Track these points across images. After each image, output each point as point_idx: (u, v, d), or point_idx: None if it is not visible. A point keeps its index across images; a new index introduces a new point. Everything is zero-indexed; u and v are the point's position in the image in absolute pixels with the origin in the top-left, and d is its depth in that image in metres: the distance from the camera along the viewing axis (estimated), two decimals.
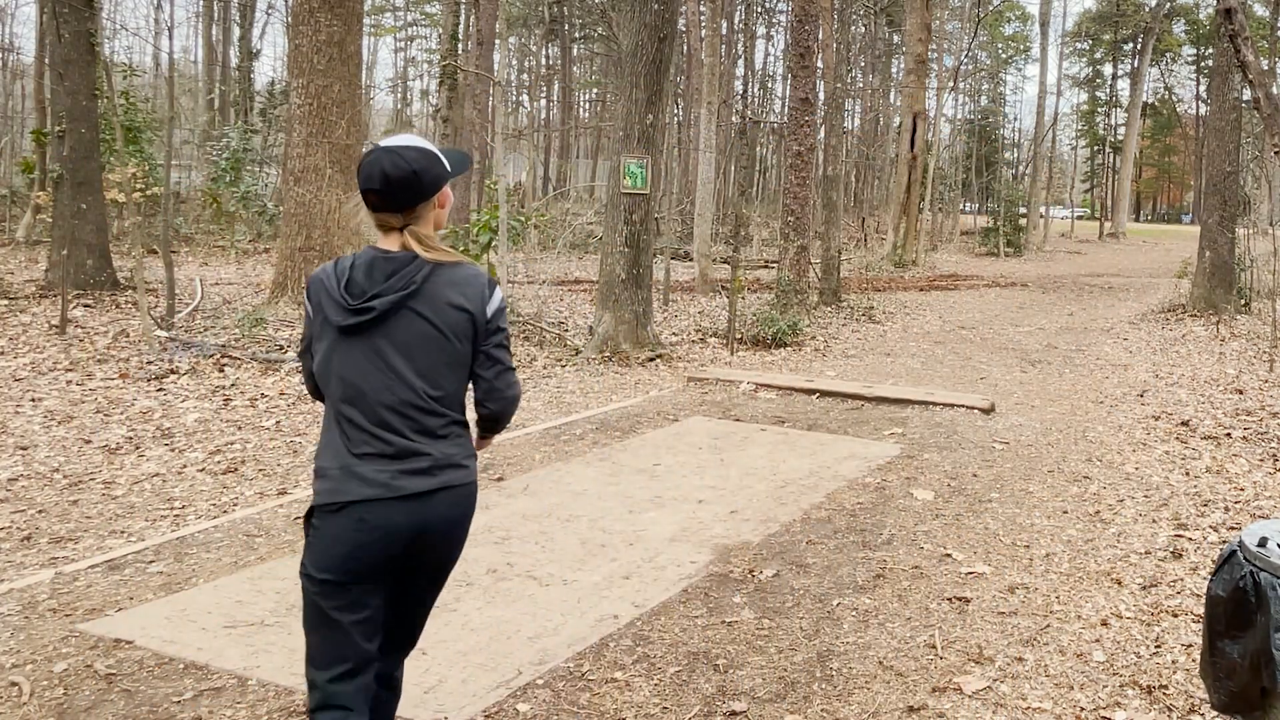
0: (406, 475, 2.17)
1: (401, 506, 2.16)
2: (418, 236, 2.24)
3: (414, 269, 2.20)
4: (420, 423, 2.21)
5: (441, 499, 2.21)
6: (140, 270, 9.27)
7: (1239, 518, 5.06)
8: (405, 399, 2.19)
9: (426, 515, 2.19)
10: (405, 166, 2.18)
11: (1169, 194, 78.90)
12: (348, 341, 2.19)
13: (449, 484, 2.23)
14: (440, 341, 2.22)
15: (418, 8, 51.04)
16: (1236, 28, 7.70)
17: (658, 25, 9.66)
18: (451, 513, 2.24)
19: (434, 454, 2.21)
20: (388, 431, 2.18)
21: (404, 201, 2.21)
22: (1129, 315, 15.46)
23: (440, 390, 2.23)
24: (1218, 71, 15.43)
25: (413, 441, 2.19)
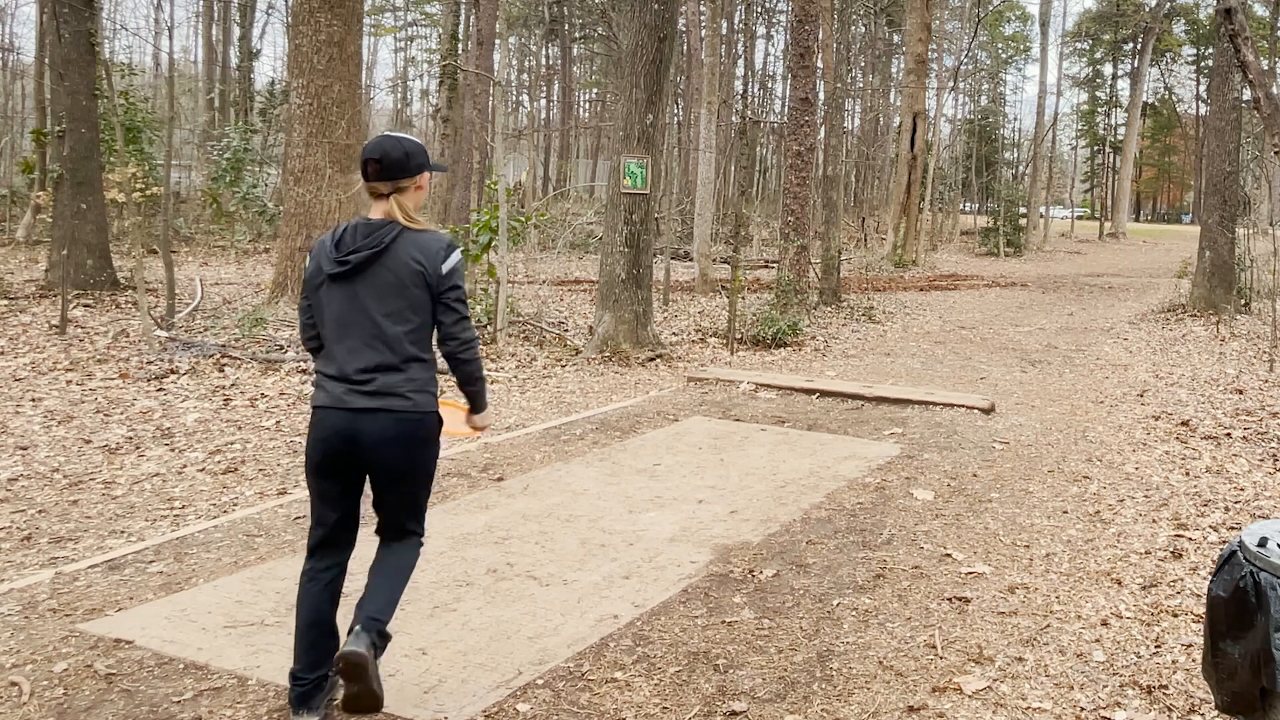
0: (353, 394, 2.78)
1: (343, 415, 2.77)
2: (400, 204, 2.86)
3: (385, 231, 2.81)
4: (380, 354, 2.79)
5: (377, 417, 2.77)
6: (140, 270, 9.27)
7: (1239, 518, 5.06)
8: (372, 333, 2.79)
9: (361, 427, 2.77)
10: (400, 148, 2.87)
11: (1169, 194, 78.89)
12: (335, 287, 2.82)
13: (386, 407, 2.78)
14: (400, 289, 2.80)
15: (418, 8, 51.06)
16: (1236, 28, 7.70)
17: (658, 25, 9.66)
18: (386, 431, 2.78)
19: (380, 380, 2.78)
20: (352, 357, 2.79)
21: (393, 174, 2.84)
22: (1129, 315, 15.46)
23: (399, 328, 2.80)
24: (1218, 71, 15.43)
25: (368, 369, 2.78)
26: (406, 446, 2.82)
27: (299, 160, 9.82)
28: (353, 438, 2.77)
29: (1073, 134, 62.05)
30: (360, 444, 2.77)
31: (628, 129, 9.73)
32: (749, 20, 40.17)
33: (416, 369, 2.83)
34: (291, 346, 8.65)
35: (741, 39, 39.22)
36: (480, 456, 6.00)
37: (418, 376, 2.84)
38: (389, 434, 2.78)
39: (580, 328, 11.13)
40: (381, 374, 2.78)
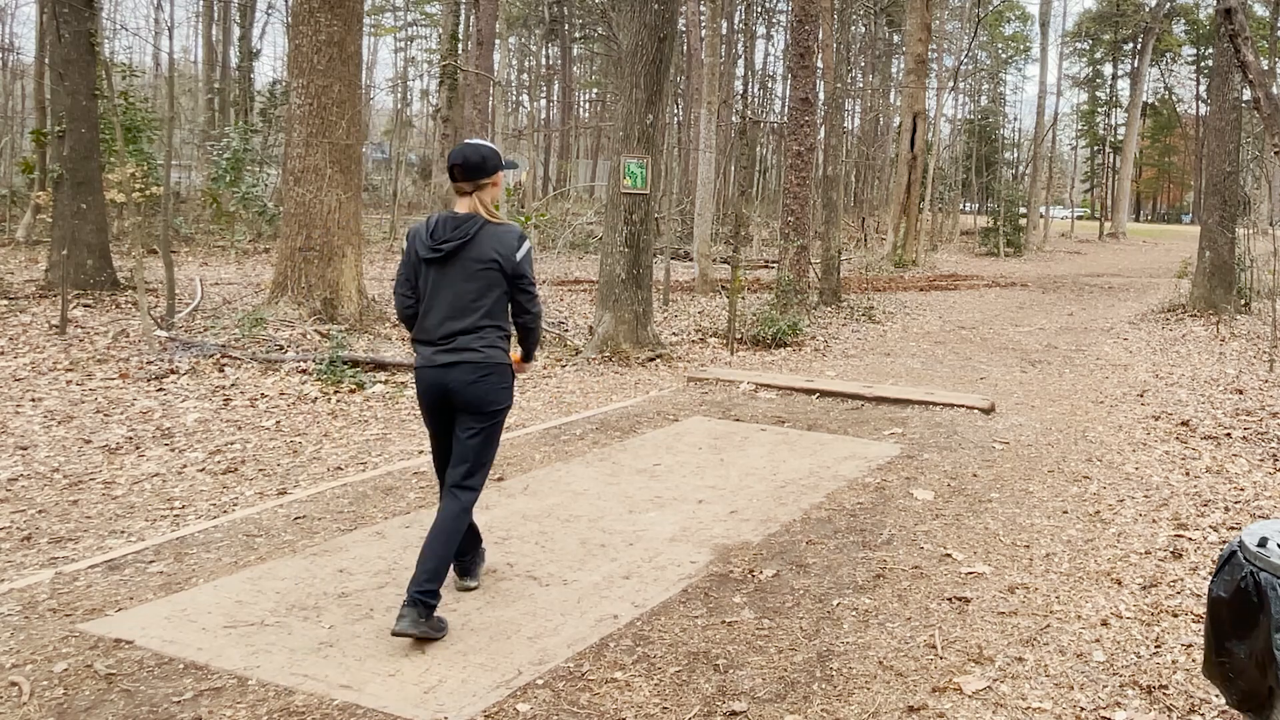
0: (440, 353, 3.54)
1: (433, 372, 3.55)
2: (480, 201, 3.59)
3: (471, 224, 3.54)
4: (461, 324, 3.53)
5: (457, 369, 3.52)
6: (140, 270, 9.27)
7: (1239, 518, 5.07)
8: (456, 307, 3.53)
9: (445, 379, 3.53)
10: (478, 153, 3.57)
11: (1169, 194, 78.89)
12: (430, 268, 3.56)
13: (462, 360, 3.52)
14: (481, 273, 3.53)
15: (418, 8, 51.05)
16: (1236, 28, 7.70)
17: (658, 25, 9.66)
18: (464, 377, 3.52)
19: (459, 344, 3.53)
20: (439, 326, 3.55)
21: (473, 176, 3.54)
22: (1129, 315, 15.46)
23: (479, 305, 3.54)
24: (1218, 71, 15.43)
25: (451, 335, 3.53)
26: (480, 389, 3.54)
27: (299, 160, 9.82)
28: (443, 388, 3.53)
29: (1073, 134, 62.05)
30: (448, 392, 3.53)
31: (628, 129, 9.73)
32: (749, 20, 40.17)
33: (488, 333, 3.55)
34: (291, 347, 8.66)
35: (741, 39, 39.22)
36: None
37: (487, 337, 3.55)
38: (466, 379, 3.52)
39: (580, 328, 11.13)
40: (460, 337, 3.51)
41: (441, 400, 3.56)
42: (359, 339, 9.28)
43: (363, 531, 4.57)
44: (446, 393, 3.53)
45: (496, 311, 3.58)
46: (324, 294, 9.78)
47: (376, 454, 6.06)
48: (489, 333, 3.56)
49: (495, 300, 3.56)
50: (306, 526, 4.64)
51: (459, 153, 3.55)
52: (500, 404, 3.61)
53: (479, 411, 3.56)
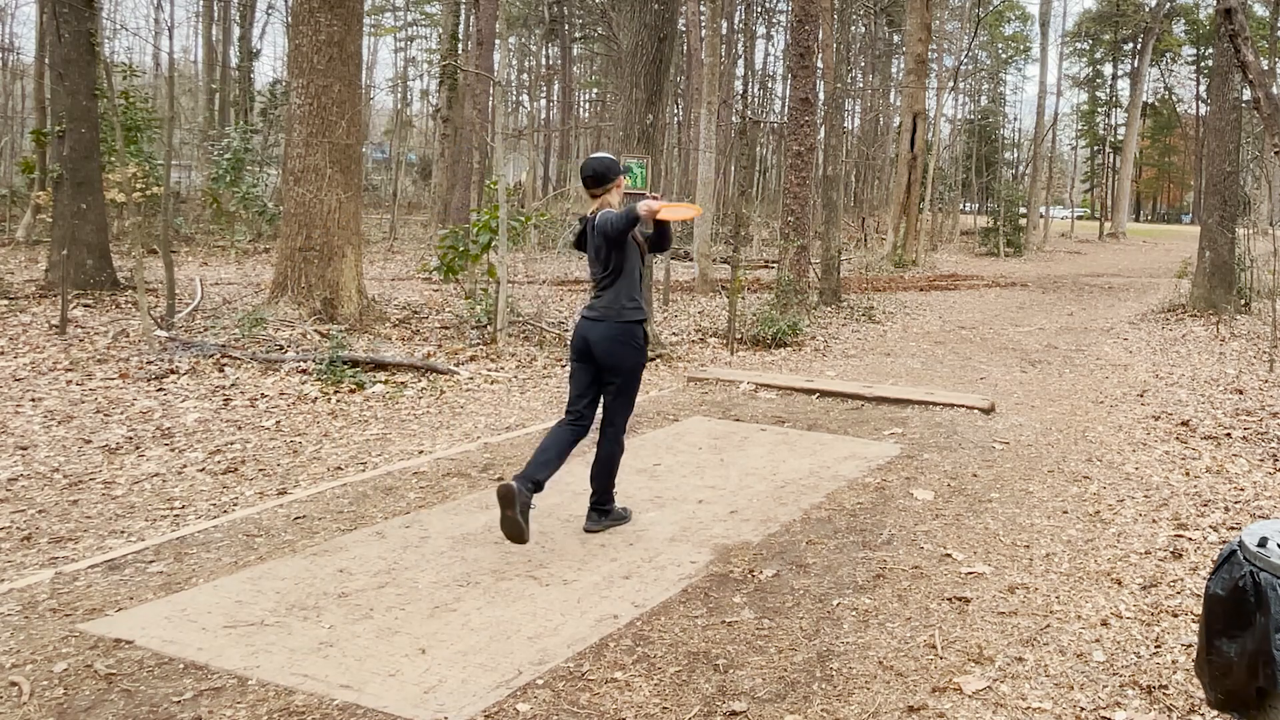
0: (590, 308, 4.52)
1: (584, 324, 4.52)
2: (606, 202, 4.53)
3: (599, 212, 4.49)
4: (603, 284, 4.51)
5: (601, 325, 4.46)
6: (140, 270, 9.27)
7: (1239, 518, 5.07)
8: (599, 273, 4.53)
9: (591, 331, 4.47)
10: (602, 165, 4.54)
11: (1169, 194, 78.89)
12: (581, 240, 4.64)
13: (605, 317, 4.47)
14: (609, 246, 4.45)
15: (418, 8, 51.05)
16: (1236, 28, 7.70)
17: (658, 25, 9.65)
18: (607, 332, 4.45)
19: (604, 301, 4.49)
20: (592, 288, 4.58)
21: (601, 183, 4.52)
22: (1129, 315, 15.46)
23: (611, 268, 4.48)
24: (1218, 71, 15.43)
25: (597, 295, 4.52)
26: (619, 343, 4.45)
27: (299, 160, 9.81)
28: (588, 338, 4.47)
29: (1073, 134, 62.06)
30: (591, 341, 4.46)
31: (628, 129, 9.73)
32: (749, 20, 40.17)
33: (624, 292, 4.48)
34: (291, 346, 8.65)
35: (741, 39, 39.21)
36: (480, 456, 6.00)
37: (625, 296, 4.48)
38: (608, 334, 4.43)
39: None
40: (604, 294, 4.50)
41: (587, 350, 4.49)
42: (359, 339, 9.28)
43: (363, 531, 4.57)
44: (590, 343, 4.48)
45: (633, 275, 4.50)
46: (324, 294, 9.78)
47: (376, 454, 6.06)
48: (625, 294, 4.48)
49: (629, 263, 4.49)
50: (306, 526, 4.64)
51: (589, 166, 4.52)
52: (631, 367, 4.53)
53: (615, 365, 4.47)
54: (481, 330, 10.12)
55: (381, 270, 17.37)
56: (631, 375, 4.53)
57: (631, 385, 4.57)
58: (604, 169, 4.48)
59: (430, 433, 6.63)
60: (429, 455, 6.01)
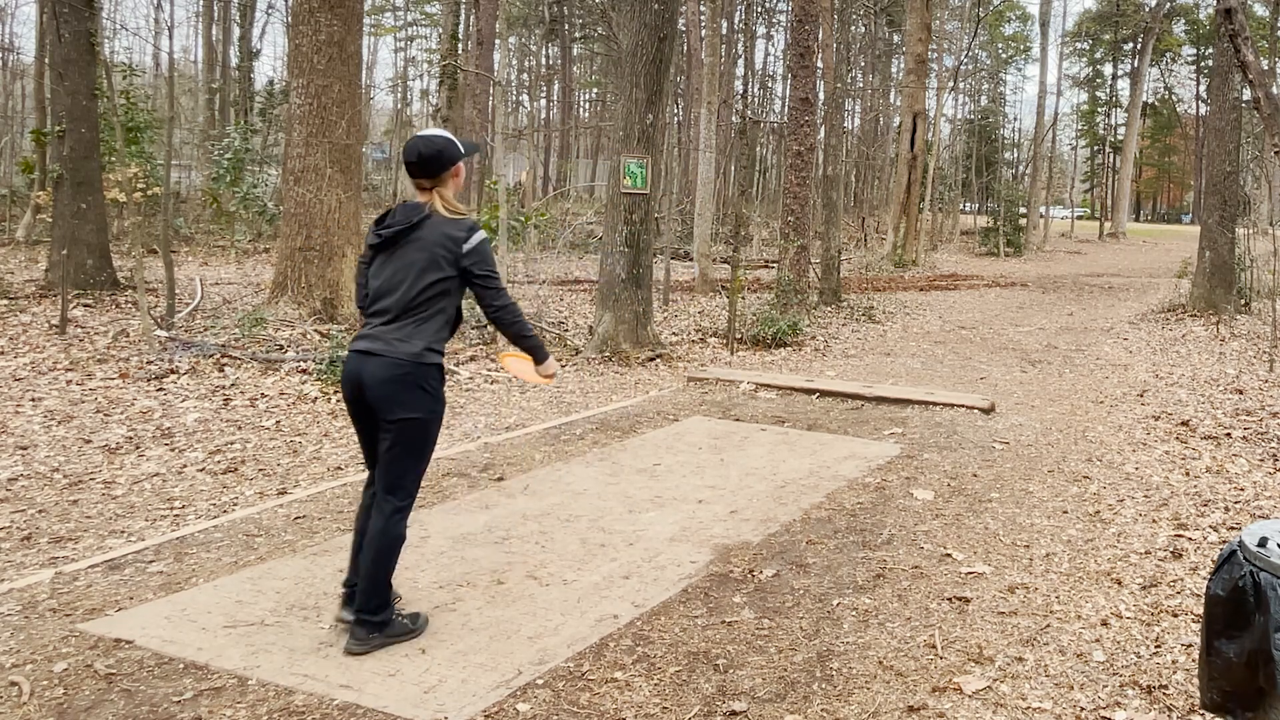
0: (363, 340, 3.30)
1: (354, 358, 3.31)
2: (440, 194, 3.34)
3: (417, 213, 3.29)
4: (393, 313, 3.28)
5: (374, 361, 3.25)
6: (140, 270, 9.27)
7: (1239, 518, 5.07)
8: (395, 299, 3.28)
9: (365, 368, 3.26)
10: (432, 147, 3.31)
11: (1169, 194, 78.88)
12: (377, 256, 3.36)
13: (380, 352, 3.25)
14: (424, 264, 3.27)
15: (418, 8, 51.03)
16: (1236, 28, 7.70)
17: (658, 25, 9.65)
18: (378, 371, 3.24)
19: (386, 334, 3.27)
20: (373, 315, 3.33)
21: (430, 171, 3.31)
22: (1129, 315, 15.46)
23: (415, 297, 3.27)
24: (1218, 71, 15.43)
25: (381, 324, 3.30)
26: (393, 387, 3.24)
27: (299, 160, 9.81)
28: (356, 378, 3.30)
29: (1073, 134, 62.04)
30: (361, 385, 3.28)
31: (628, 129, 9.73)
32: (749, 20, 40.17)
33: (418, 328, 3.29)
34: (291, 346, 8.65)
35: (741, 39, 39.21)
36: (480, 456, 6.00)
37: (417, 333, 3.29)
38: (381, 375, 3.24)
39: (580, 328, 11.13)
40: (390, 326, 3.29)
41: (355, 393, 3.30)
42: None
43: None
44: (359, 386, 3.26)
45: (431, 307, 3.29)
46: (324, 294, 9.78)
47: None
48: (417, 332, 3.27)
49: (439, 296, 3.29)
50: (306, 526, 4.64)
51: (412, 148, 3.31)
52: (406, 413, 3.24)
53: (389, 412, 3.25)
54: (481, 330, 10.13)
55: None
56: (423, 429, 3.32)
57: (422, 441, 3.35)
58: (434, 151, 3.31)
59: None
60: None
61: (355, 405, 3.35)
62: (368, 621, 3.29)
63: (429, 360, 3.28)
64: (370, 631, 3.29)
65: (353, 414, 3.40)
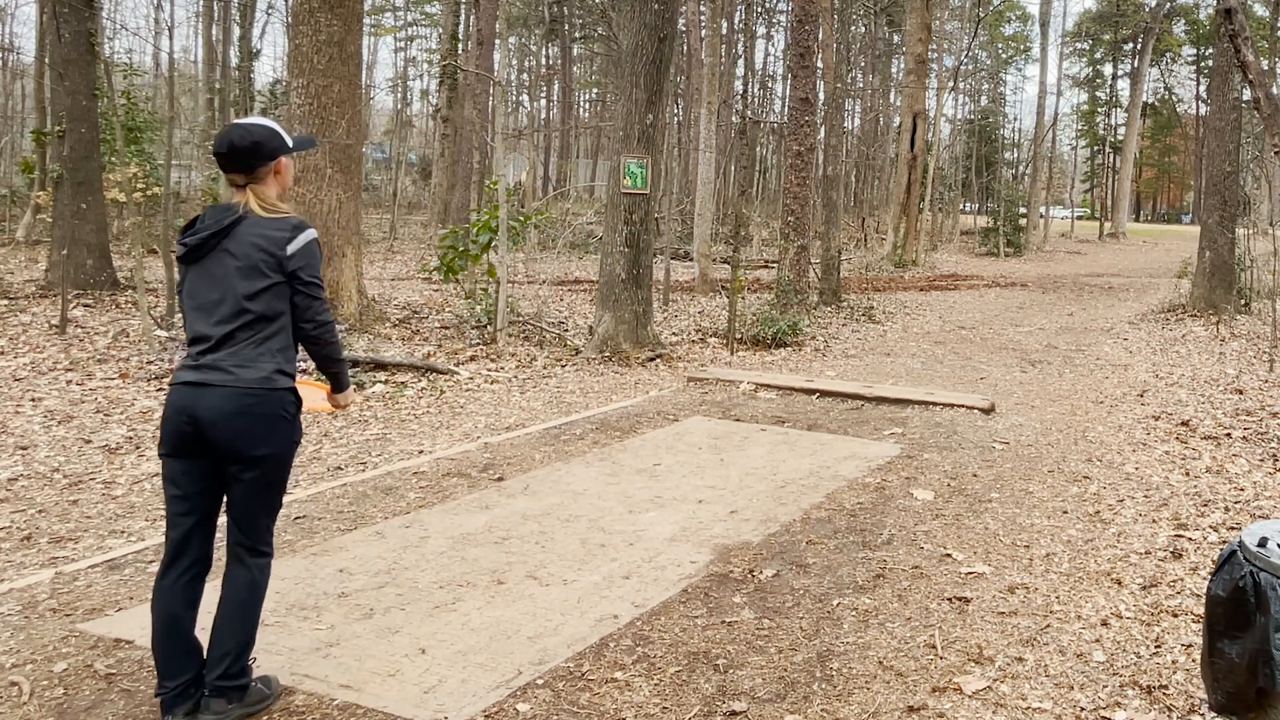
0: (188, 370, 2.80)
1: (183, 391, 2.78)
2: (257, 194, 2.85)
3: (228, 215, 2.81)
4: (220, 335, 2.78)
5: (214, 393, 2.75)
6: (140, 270, 9.27)
7: (1239, 518, 5.06)
8: (217, 317, 2.79)
9: (201, 403, 2.75)
10: (248, 137, 2.83)
11: (1169, 194, 78.88)
12: (189, 269, 2.85)
13: (219, 383, 2.75)
14: (244, 272, 2.78)
15: (418, 8, 51.04)
16: (1236, 28, 7.70)
17: (658, 25, 9.65)
18: (223, 405, 2.74)
19: (220, 361, 2.78)
20: (196, 340, 2.81)
21: (245, 165, 2.83)
22: (1129, 315, 15.46)
23: (241, 313, 2.79)
24: (1218, 71, 15.43)
25: (210, 349, 2.79)
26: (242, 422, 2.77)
27: (299, 160, 9.82)
28: (189, 413, 2.77)
29: (1073, 134, 62.04)
30: (196, 419, 2.76)
31: (628, 129, 9.73)
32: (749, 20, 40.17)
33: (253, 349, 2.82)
34: None
35: (741, 39, 39.21)
36: (480, 456, 6.00)
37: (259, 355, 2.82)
38: (226, 409, 2.75)
39: (580, 328, 11.13)
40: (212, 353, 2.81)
41: (189, 430, 2.76)
42: (359, 339, 9.28)
43: (363, 531, 4.57)
44: (195, 422, 2.75)
45: (264, 322, 2.83)
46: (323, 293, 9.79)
47: (376, 454, 6.06)
48: (252, 349, 2.80)
49: (263, 307, 2.81)
50: (306, 526, 4.64)
51: (224, 138, 2.85)
52: (266, 449, 2.81)
53: (244, 454, 2.78)
54: (481, 330, 10.12)
55: (381, 270, 17.37)
56: (283, 463, 2.92)
57: (283, 476, 2.96)
58: (250, 143, 2.84)
59: (430, 433, 6.63)
60: (429, 455, 6.01)
61: (186, 448, 2.78)
62: (229, 689, 2.84)
63: (281, 384, 2.83)
64: (231, 701, 2.85)
65: (177, 459, 2.81)
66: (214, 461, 2.81)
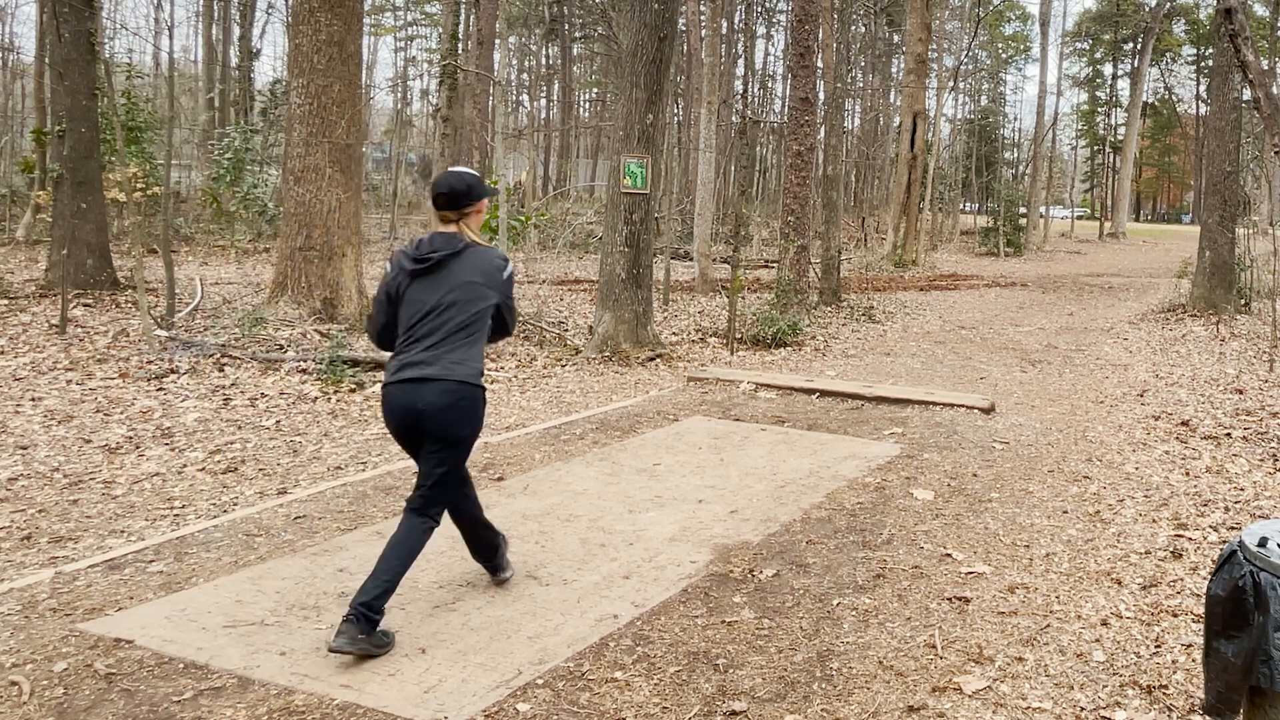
0: (413, 367, 3.39)
1: (404, 389, 3.38)
2: (469, 227, 3.59)
3: (457, 242, 3.52)
4: (441, 336, 3.42)
5: (433, 386, 3.36)
6: (140, 270, 9.27)
7: (1239, 518, 5.07)
8: (444, 321, 3.43)
9: (416, 396, 3.36)
10: (464, 183, 3.57)
11: (1169, 194, 78.88)
12: (414, 282, 3.48)
13: (437, 376, 3.36)
14: (468, 288, 3.47)
15: (418, 8, 51.04)
16: (1236, 28, 7.70)
17: (658, 25, 9.65)
18: (439, 398, 3.36)
19: (438, 358, 3.39)
20: (417, 340, 3.42)
21: (458, 205, 3.54)
22: (1129, 315, 15.46)
23: (461, 320, 3.44)
24: (1218, 71, 15.43)
25: (428, 349, 3.40)
26: (452, 413, 3.40)
27: (299, 160, 9.81)
28: (411, 405, 3.39)
29: (1073, 134, 62.03)
30: (418, 410, 3.38)
31: (628, 129, 9.73)
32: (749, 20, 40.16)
33: (466, 352, 3.44)
34: (291, 346, 8.65)
35: (741, 39, 39.21)
36: (480, 456, 6.00)
37: (468, 355, 3.45)
38: (440, 402, 3.37)
39: (580, 327, 11.13)
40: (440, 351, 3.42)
41: (411, 420, 3.40)
42: (359, 339, 9.28)
43: (363, 531, 4.57)
44: (416, 413, 3.37)
45: (478, 329, 3.49)
46: (324, 294, 9.78)
47: (376, 454, 6.06)
48: (464, 351, 3.43)
49: (477, 320, 3.48)
50: (306, 526, 4.64)
51: (445, 182, 3.57)
52: (466, 432, 3.46)
53: (445, 437, 3.42)
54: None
55: (381, 270, 17.35)
56: (469, 447, 3.58)
57: (467, 458, 3.63)
58: (465, 187, 3.56)
59: None
60: None
61: (409, 433, 3.45)
62: (367, 618, 3.24)
63: (481, 383, 3.50)
64: (362, 631, 3.23)
65: (404, 441, 3.52)
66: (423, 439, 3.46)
